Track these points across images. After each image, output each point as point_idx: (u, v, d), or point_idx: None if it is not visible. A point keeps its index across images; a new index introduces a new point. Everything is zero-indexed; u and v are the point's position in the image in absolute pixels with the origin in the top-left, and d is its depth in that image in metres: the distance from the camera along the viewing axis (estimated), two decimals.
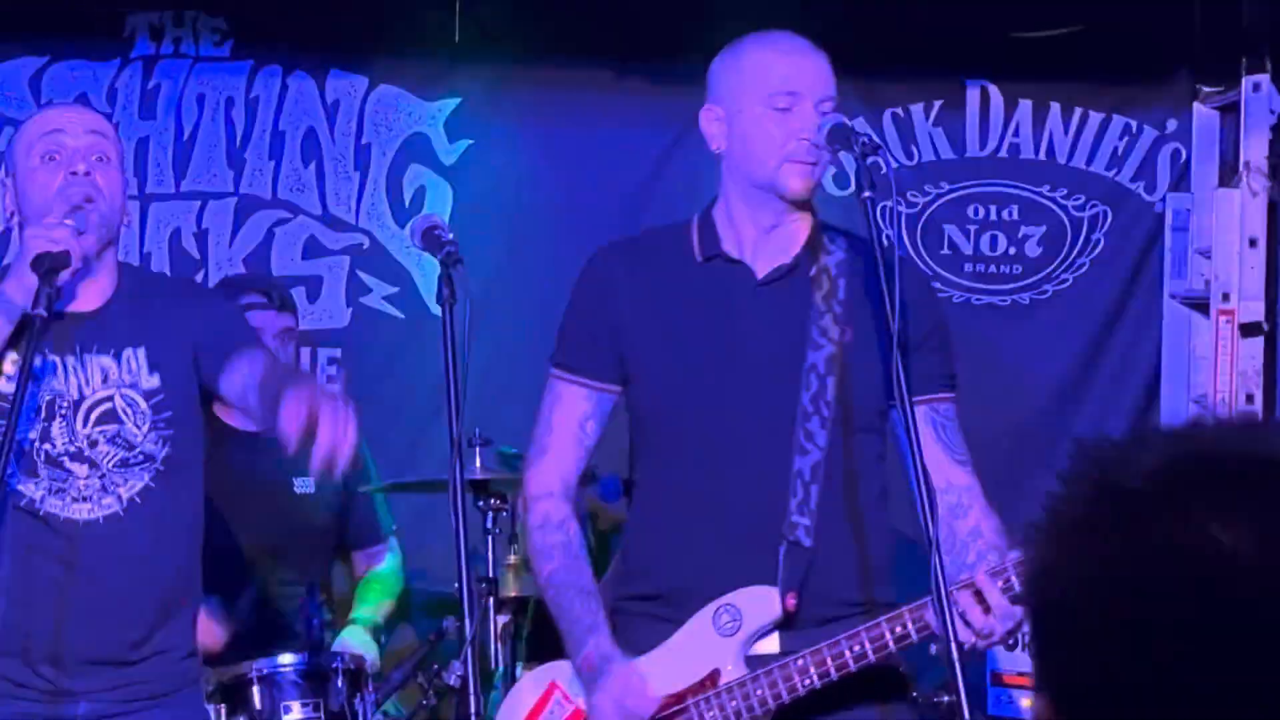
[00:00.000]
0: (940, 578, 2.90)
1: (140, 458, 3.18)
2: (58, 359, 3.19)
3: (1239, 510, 0.96)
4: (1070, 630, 1.00)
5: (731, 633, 3.20)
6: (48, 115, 3.39)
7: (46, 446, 3.13)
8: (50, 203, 3.08)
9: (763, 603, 3.16)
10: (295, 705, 3.90)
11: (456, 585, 3.13)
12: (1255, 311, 4.82)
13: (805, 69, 3.10)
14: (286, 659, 3.96)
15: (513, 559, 4.42)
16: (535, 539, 3.28)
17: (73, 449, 3.17)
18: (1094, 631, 0.98)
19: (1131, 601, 0.97)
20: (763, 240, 3.17)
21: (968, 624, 2.96)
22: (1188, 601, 0.96)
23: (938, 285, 4.68)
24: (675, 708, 3.14)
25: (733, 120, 3.10)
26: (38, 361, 3.10)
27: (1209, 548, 0.96)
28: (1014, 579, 2.97)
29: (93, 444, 3.19)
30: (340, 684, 3.92)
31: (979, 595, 2.97)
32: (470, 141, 5.08)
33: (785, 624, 3.16)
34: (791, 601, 3.14)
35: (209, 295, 4.20)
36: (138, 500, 3.19)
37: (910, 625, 3.02)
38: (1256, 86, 4.85)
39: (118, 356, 3.24)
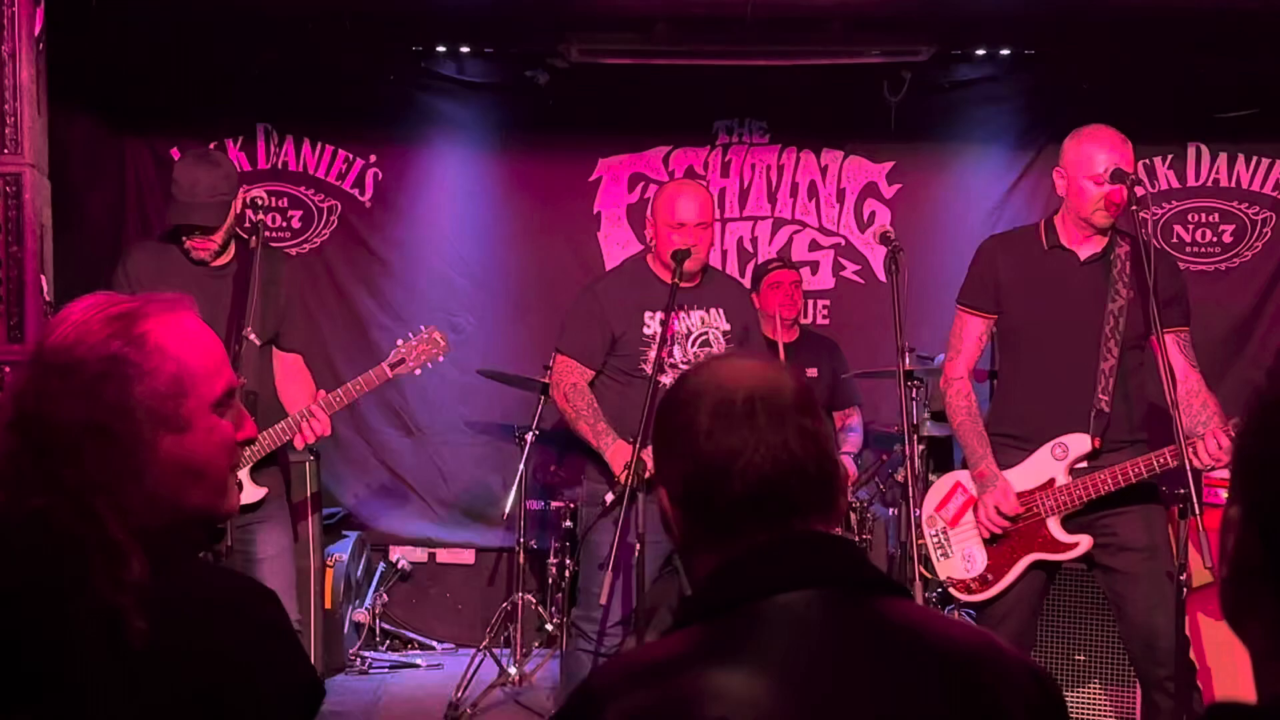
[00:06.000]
0: (1179, 432, 3.69)
1: None
2: (680, 312, 4.33)
3: None
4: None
5: (1062, 458, 4.03)
6: (676, 199, 4.40)
7: (670, 360, 4.15)
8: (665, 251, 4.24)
9: (1081, 442, 3.99)
10: None
11: (897, 427, 4.62)
12: None
13: (1114, 159, 3.91)
14: None
15: (926, 414, 5.53)
16: (952, 402, 4.16)
17: (684, 361, 4.22)
18: None
19: None
20: (1083, 240, 4.02)
21: (1205, 454, 3.74)
22: None
23: None
24: (1027, 500, 4.03)
25: (1070, 182, 3.96)
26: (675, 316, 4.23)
27: None
28: (1231, 435, 3.64)
29: (696, 358, 4.15)
30: None
31: (1207, 444, 3.75)
32: (900, 185, 6.52)
33: (1092, 455, 4.00)
34: (1097, 442, 3.96)
35: (739, 285, 5.13)
36: None
37: (1169, 459, 3.79)
38: None
39: (708, 310, 4.41)
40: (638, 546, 4.00)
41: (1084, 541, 4.02)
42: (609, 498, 4.15)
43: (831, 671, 1.49)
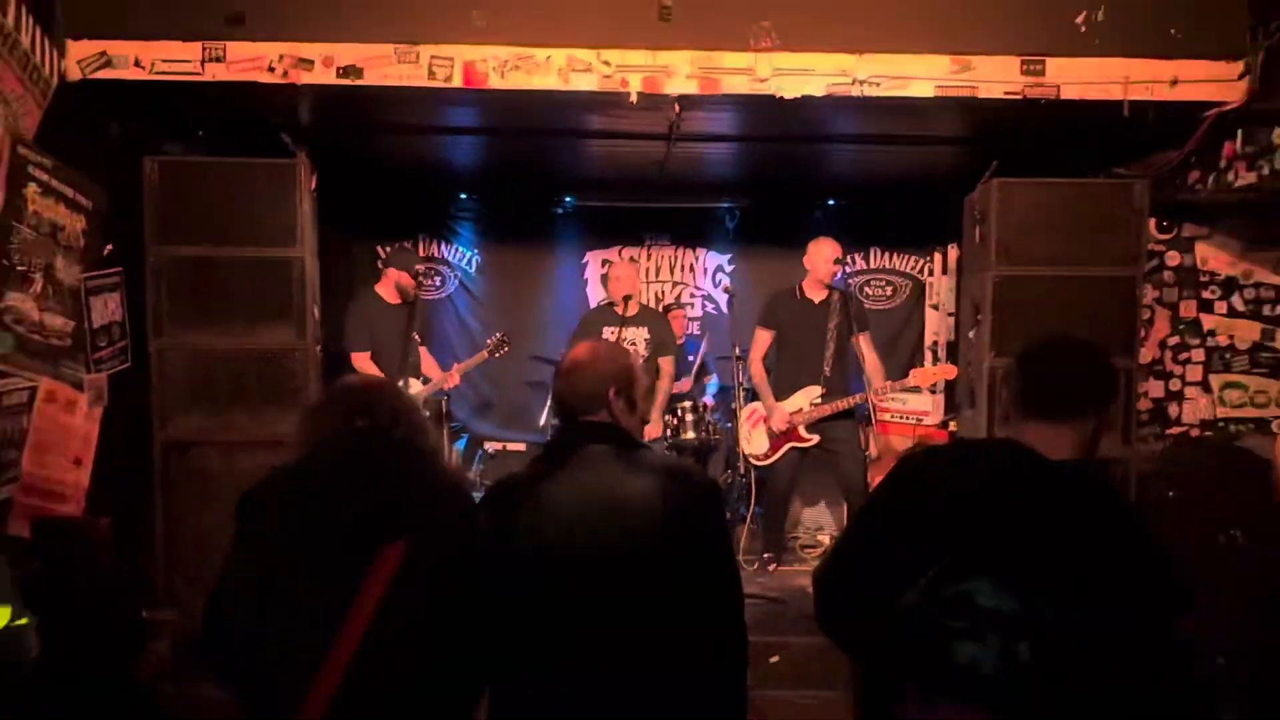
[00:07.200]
0: (869, 388, 4.32)
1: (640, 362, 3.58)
2: (617, 330, 4.69)
3: None
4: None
5: (806, 398, 4.55)
6: (618, 270, 4.90)
7: None
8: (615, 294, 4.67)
9: (815, 391, 4.57)
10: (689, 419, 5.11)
11: (733, 386, 5.09)
12: (949, 306, 5.94)
13: (832, 252, 4.42)
14: (685, 402, 5.17)
15: (744, 379, 5.00)
16: (754, 374, 4.67)
17: None
18: None
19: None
20: (815, 291, 4.53)
21: (877, 404, 4.42)
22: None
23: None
24: (789, 419, 4.56)
25: (811, 263, 4.49)
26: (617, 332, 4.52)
27: None
28: (890, 392, 4.26)
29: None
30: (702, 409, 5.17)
31: (877, 399, 4.31)
32: (735, 265, 6.70)
33: (822, 397, 4.54)
34: (823, 391, 4.54)
35: (662, 316, 5.16)
36: None
37: (858, 399, 4.39)
38: (949, 251, 6.04)
39: (637, 328, 4.80)
40: None
41: (815, 438, 4.53)
42: None
43: (611, 484, 1.64)
